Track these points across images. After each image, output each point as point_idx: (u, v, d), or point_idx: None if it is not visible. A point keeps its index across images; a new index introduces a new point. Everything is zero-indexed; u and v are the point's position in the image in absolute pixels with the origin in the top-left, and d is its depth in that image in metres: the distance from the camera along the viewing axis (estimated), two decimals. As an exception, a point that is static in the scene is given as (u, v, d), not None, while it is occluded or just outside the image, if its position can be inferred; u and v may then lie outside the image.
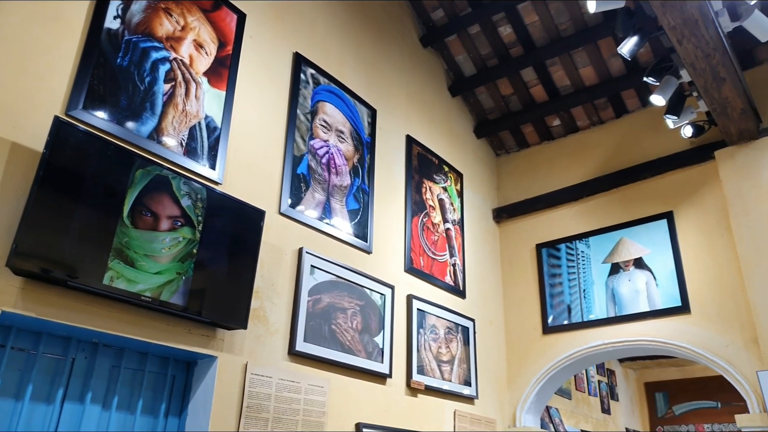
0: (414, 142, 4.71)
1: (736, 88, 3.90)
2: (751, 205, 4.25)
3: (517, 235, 5.50)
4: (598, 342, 4.71)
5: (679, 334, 4.38)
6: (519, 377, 5.00)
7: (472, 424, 4.44)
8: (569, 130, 5.52)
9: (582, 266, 5.03)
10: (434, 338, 4.33)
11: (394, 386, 3.87)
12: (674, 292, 4.50)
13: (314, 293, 3.43)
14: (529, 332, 5.10)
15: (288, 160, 3.49)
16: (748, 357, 4.06)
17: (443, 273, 4.66)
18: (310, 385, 3.26)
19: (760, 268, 4.08)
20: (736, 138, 4.38)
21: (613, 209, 5.02)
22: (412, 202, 4.52)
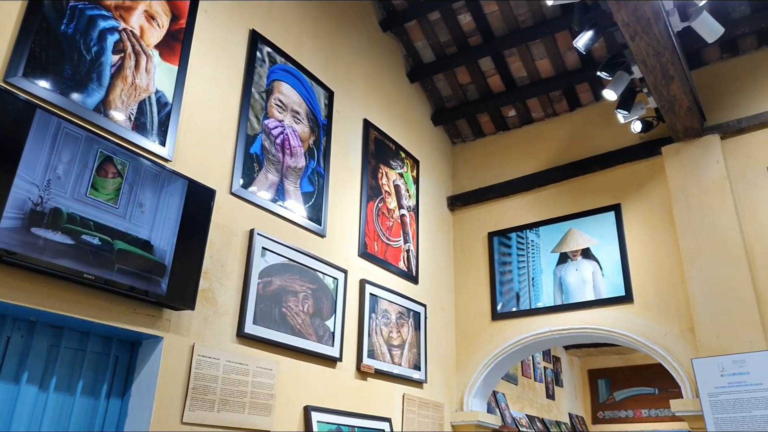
0: (371, 126, 4.70)
1: (683, 87, 4.02)
2: (693, 200, 4.42)
3: (471, 223, 5.57)
4: (544, 329, 4.83)
5: (621, 323, 4.53)
6: (467, 362, 5.08)
7: (420, 408, 4.49)
8: (524, 121, 5.61)
9: (531, 255, 5.13)
10: (386, 323, 4.35)
11: (344, 370, 3.87)
12: (619, 282, 4.64)
13: (265, 276, 3.39)
14: (478, 318, 5.19)
15: (241, 140, 3.43)
16: (684, 346, 4.23)
17: (397, 258, 4.68)
18: (258, 368, 3.24)
19: (699, 262, 4.25)
20: (681, 135, 4.53)
21: (564, 200, 5.13)
22: (368, 187, 4.51)
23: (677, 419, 5.06)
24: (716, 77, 4.73)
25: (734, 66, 4.70)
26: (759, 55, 4.63)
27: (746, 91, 4.56)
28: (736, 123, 4.47)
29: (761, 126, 4.40)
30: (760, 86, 4.52)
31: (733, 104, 4.57)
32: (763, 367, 3.83)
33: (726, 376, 3.94)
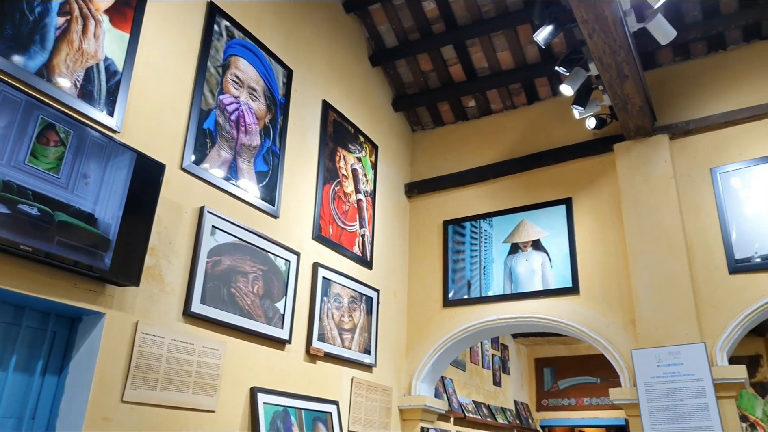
0: (330, 108, 4.65)
1: (636, 86, 4.13)
2: (641, 197, 4.55)
3: (427, 211, 5.60)
4: (493, 317, 4.91)
5: (567, 313, 4.65)
6: (417, 348, 5.14)
7: (368, 392, 4.52)
8: (483, 112, 5.65)
9: (484, 244, 5.20)
10: (338, 307, 4.35)
11: (293, 352, 3.86)
12: (566, 274, 4.76)
13: (214, 255, 3.33)
14: (430, 305, 5.24)
15: (194, 114, 3.34)
16: (625, 337, 4.38)
17: (352, 243, 4.67)
18: (204, 348, 3.19)
19: (643, 257, 4.40)
20: (633, 133, 4.65)
21: (518, 192, 5.22)
22: (325, 170, 4.48)
23: (616, 407, 5.24)
24: (668, 79, 4.87)
25: (685, 69, 4.85)
26: (708, 60, 4.78)
27: (695, 94, 4.71)
28: (684, 124, 4.62)
29: (707, 129, 4.56)
30: (707, 90, 4.68)
31: (682, 106, 4.71)
32: (695, 359, 4.01)
33: (662, 367, 4.10)
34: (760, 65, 4.56)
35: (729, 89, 4.61)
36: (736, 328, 4.05)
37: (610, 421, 8.07)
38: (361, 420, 4.37)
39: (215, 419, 3.20)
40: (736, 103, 4.52)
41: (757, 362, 7.36)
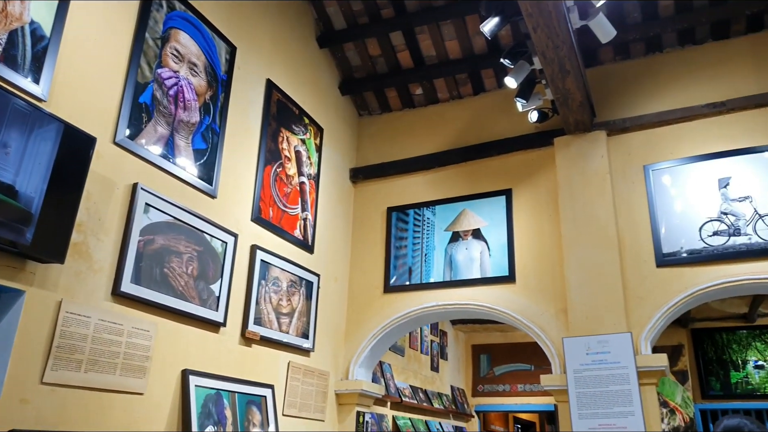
0: (275, 87, 4.57)
1: (577, 82, 4.23)
2: (577, 191, 4.69)
3: (371, 197, 5.60)
4: (432, 303, 4.97)
5: (503, 301, 4.75)
6: (356, 333, 5.15)
7: (305, 376, 4.51)
8: (430, 101, 5.68)
9: (426, 232, 5.25)
10: (276, 290, 4.30)
11: (227, 335, 3.80)
12: (504, 263, 4.86)
13: (147, 233, 3.23)
14: (371, 291, 5.26)
15: (129, 87, 3.21)
16: (557, 325, 4.52)
17: (293, 226, 4.62)
18: (134, 328, 3.10)
19: (576, 249, 4.54)
20: (573, 128, 4.78)
21: (461, 181, 5.28)
22: (267, 150, 4.40)
23: (548, 394, 5.41)
24: (608, 77, 5.01)
25: (624, 68, 5.01)
26: (646, 61, 4.95)
27: (632, 93, 4.87)
28: (621, 122, 4.77)
29: (642, 127, 4.73)
30: (644, 90, 4.84)
31: (620, 104, 4.87)
32: (622, 347, 4.18)
33: (590, 355, 4.26)
34: (693, 69, 4.75)
35: (663, 90, 4.79)
36: (660, 319, 4.24)
37: (542, 407, 8.35)
38: (296, 404, 4.35)
39: (143, 402, 3.12)
40: (669, 103, 4.71)
41: (679, 352, 7.75)
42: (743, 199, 4.31)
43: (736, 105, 4.49)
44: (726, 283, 4.16)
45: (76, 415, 2.76)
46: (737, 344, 7.66)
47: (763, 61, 4.56)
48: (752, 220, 4.22)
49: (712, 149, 4.49)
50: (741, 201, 4.31)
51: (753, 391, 7.41)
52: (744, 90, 4.52)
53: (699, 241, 4.31)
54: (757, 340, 7.59)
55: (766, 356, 7.50)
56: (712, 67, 4.71)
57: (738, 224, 4.26)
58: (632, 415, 4.03)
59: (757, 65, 4.57)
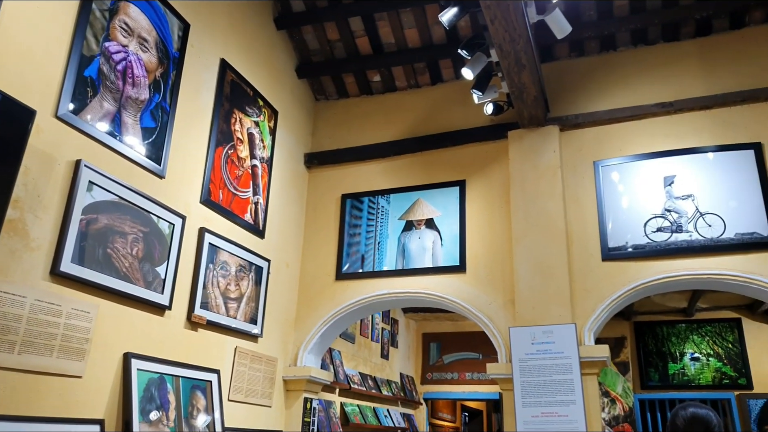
0: (229, 67, 4.46)
1: (532, 76, 4.28)
2: (529, 184, 4.76)
3: (325, 183, 5.56)
4: (384, 291, 4.98)
5: (453, 291, 4.80)
6: (307, 319, 5.13)
7: (252, 361, 4.46)
8: (388, 89, 5.66)
9: (380, 220, 5.25)
10: (224, 275, 4.23)
11: (173, 318, 3.72)
12: (455, 253, 4.91)
13: (90, 212, 3.12)
14: (322, 278, 5.23)
15: (74, 59, 3.08)
16: (504, 315, 4.60)
17: (243, 210, 4.55)
18: (73, 310, 3.00)
19: (526, 241, 4.62)
20: (527, 122, 4.84)
21: (416, 171, 5.29)
22: (218, 131, 4.30)
23: (494, 382, 5.52)
24: (563, 73, 5.10)
25: (578, 65, 5.10)
26: (600, 58, 5.06)
27: (586, 89, 4.97)
28: (574, 118, 4.87)
29: (594, 123, 4.83)
30: (597, 87, 4.95)
31: (573, 100, 4.96)
32: (566, 338, 4.28)
33: (536, 344, 4.35)
34: (644, 69, 4.88)
35: (615, 88, 4.90)
36: (604, 311, 4.36)
37: (489, 395, 8.51)
38: (242, 389, 4.31)
39: (82, 385, 3.03)
40: (620, 101, 4.82)
41: (622, 343, 8.03)
42: (686, 198, 4.46)
43: (684, 106, 4.64)
44: (667, 278, 4.31)
45: (9, 397, 2.65)
46: (676, 337, 7.98)
47: (710, 65, 4.71)
48: (693, 218, 4.38)
49: (659, 148, 4.62)
50: (684, 199, 4.47)
51: (688, 382, 7.75)
52: (691, 91, 4.67)
53: (643, 236, 4.45)
54: (695, 333, 7.93)
55: (702, 349, 7.84)
56: (662, 67, 4.85)
57: (680, 221, 4.41)
58: (574, 403, 4.14)
59: (704, 68, 4.73)
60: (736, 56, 4.67)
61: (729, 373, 7.62)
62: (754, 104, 4.49)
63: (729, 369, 7.65)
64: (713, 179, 4.43)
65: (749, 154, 4.41)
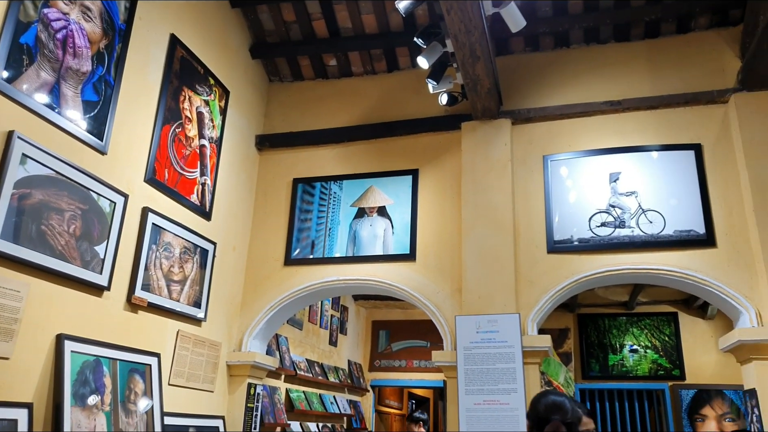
0: (179, 43, 4.32)
1: (487, 68, 4.31)
2: (479, 176, 4.81)
3: (277, 166, 5.48)
4: (333, 278, 4.96)
5: (402, 279, 4.82)
6: (253, 304, 5.06)
7: (195, 345, 4.38)
8: (344, 73, 5.61)
9: (332, 206, 5.22)
10: (168, 256, 4.12)
11: (111, 299, 3.60)
12: (405, 241, 4.92)
13: (23, 186, 2.97)
14: (271, 262, 5.16)
15: (9, 25, 2.91)
16: (451, 304, 4.65)
17: (190, 191, 4.43)
18: (2, 288, 2.86)
19: (474, 231, 4.67)
20: (480, 114, 4.88)
21: (370, 158, 5.27)
22: (166, 109, 4.17)
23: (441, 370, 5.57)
24: (517, 67, 5.15)
25: (533, 60, 5.16)
26: (554, 54, 5.13)
27: (538, 84, 5.04)
28: (526, 112, 4.93)
29: (545, 118, 4.91)
30: (549, 83, 5.02)
31: (526, 94, 5.03)
32: (510, 327, 4.36)
33: (480, 333, 4.42)
34: (595, 66, 4.98)
35: (567, 84, 4.98)
36: (548, 302, 4.46)
37: (435, 383, 8.62)
38: (184, 374, 4.22)
39: (9, 366, 2.90)
40: (571, 97, 4.91)
41: (566, 335, 8.24)
42: (630, 194, 4.59)
43: (631, 105, 4.76)
44: (609, 272, 4.43)
45: (-73, 379, 2.52)
46: (617, 329, 8.24)
47: (657, 66, 4.85)
48: (636, 214, 4.52)
49: (607, 145, 4.74)
50: (628, 195, 4.60)
51: (627, 373, 8.02)
52: (639, 91, 4.80)
53: (588, 230, 4.56)
54: (635, 326, 8.20)
55: (641, 341, 8.13)
56: (612, 66, 4.95)
57: (624, 217, 4.54)
58: (515, 392, 4.23)
59: (651, 69, 4.86)
60: (681, 59, 4.82)
61: (664, 365, 7.93)
62: (696, 106, 4.65)
63: (664, 361, 7.95)
64: (656, 177, 4.57)
65: (690, 155, 4.57)
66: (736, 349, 4.16)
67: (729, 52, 4.73)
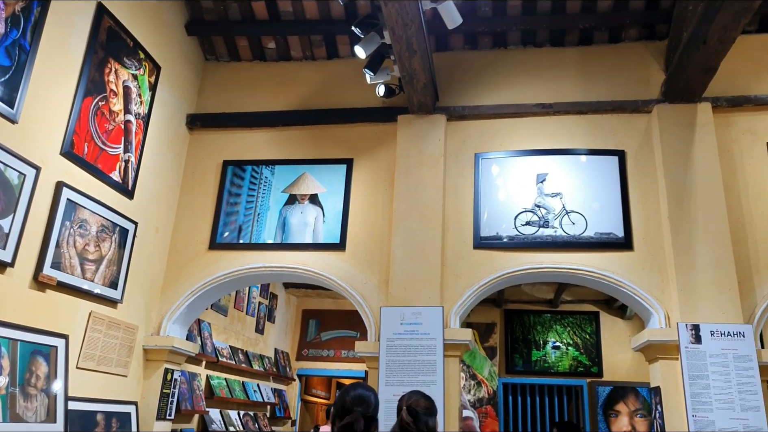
0: (107, 13, 4.12)
1: (423, 63, 4.32)
2: (413, 169, 4.83)
3: (208, 147, 5.33)
4: (260, 264, 4.87)
5: (331, 268, 4.79)
6: (175, 288, 4.91)
7: (109, 328, 4.21)
8: (282, 57, 5.51)
9: (263, 191, 5.12)
10: (83, 234, 3.94)
11: (15, 277, 3.41)
12: (336, 231, 4.89)
13: None
14: (195, 245, 5.03)
15: None
16: (378, 295, 4.66)
17: (111, 167, 4.25)
18: None
19: (405, 224, 4.69)
20: (416, 108, 4.89)
21: (304, 144, 5.20)
22: (89, 80, 3.98)
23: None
24: (455, 64, 5.19)
25: (471, 58, 5.22)
26: (491, 54, 5.21)
27: (475, 83, 5.10)
28: (461, 109, 4.98)
29: (479, 117, 4.98)
30: (486, 82, 5.09)
31: (462, 92, 5.08)
32: (433, 320, 4.40)
33: (404, 325, 4.44)
34: (530, 69, 5.08)
35: (502, 84, 5.07)
36: (471, 296, 4.54)
37: (363, 373, 8.64)
38: (95, 357, 4.06)
39: None
40: (505, 98, 4.99)
41: (492, 329, 8.44)
42: (555, 195, 4.72)
43: (561, 108, 4.89)
44: (531, 269, 4.55)
45: None
46: (541, 326, 8.51)
47: (589, 73, 5.00)
48: (560, 215, 4.65)
49: (536, 146, 4.85)
50: (553, 197, 4.73)
51: (548, 369, 8.29)
52: (570, 96, 4.94)
53: (513, 228, 4.67)
54: (558, 323, 8.49)
55: (563, 338, 8.42)
56: (546, 70, 5.07)
57: (548, 217, 4.67)
58: (434, 383, 4.27)
59: (583, 75, 5.00)
60: (611, 68, 4.99)
61: (584, 362, 8.25)
62: (621, 114, 4.83)
63: (584, 358, 8.28)
64: (581, 180, 4.72)
65: (614, 161, 4.74)
66: (646, 349, 4.36)
67: (655, 64, 4.93)
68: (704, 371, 4.06)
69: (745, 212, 4.50)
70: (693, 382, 4.04)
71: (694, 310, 4.17)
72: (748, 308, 4.25)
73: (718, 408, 3.98)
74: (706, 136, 4.58)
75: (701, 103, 4.65)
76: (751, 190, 4.54)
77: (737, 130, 4.71)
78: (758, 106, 4.70)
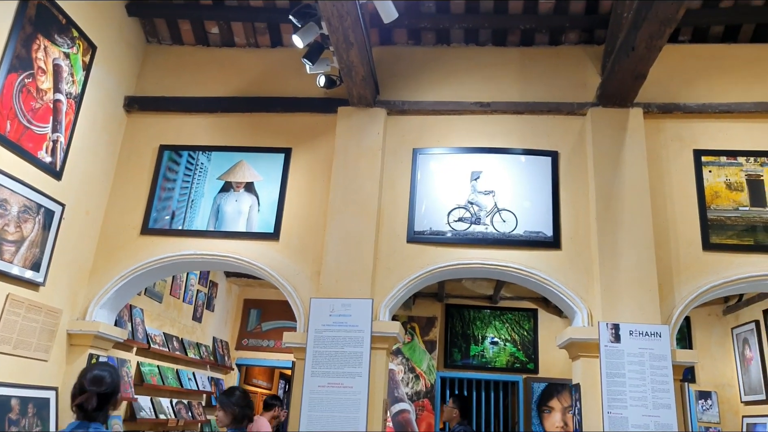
0: (34, -13, 4.01)
1: (362, 56, 4.34)
2: (350, 162, 4.85)
3: (145, 131, 5.23)
4: (191, 251, 4.82)
5: (263, 258, 4.77)
6: (103, 272, 4.82)
7: (28, 311, 4.11)
8: (225, 43, 5.44)
9: (198, 177, 5.06)
10: (2, 214, 3.83)
11: (-77, 255, 3.29)
12: (271, 220, 4.88)
13: None
14: (127, 230, 4.94)
15: None
16: (309, 286, 4.67)
17: (38, 147, 4.14)
18: None
19: (339, 216, 4.71)
20: (356, 101, 4.91)
21: (243, 131, 5.16)
22: (14, 56, 3.85)
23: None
24: (398, 58, 5.23)
25: (414, 54, 5.26)
26: (434, 50, 5.26)
27: (417, 78, 5.15)
28: (401, 104, 5.03)
29: (418, 112, 5.03)
30: (427, 78, 5.14)
31: (404, 86, 5.12)
32: (362, 312, 4.44)
33: (333, 316, 4.47)
34: (471, 67, 5.16)
35: (443, 82, 5.13)
36: (401, 290, 4.59)
37: (304, 364, 8.64)
38: (11, 341, 3.95)
39: None
40: (445, 95, 5.06)
41: (432, 323, 8.55)
42: (488, 193, 4.82)
43: (499, 108, 4.98)
44: (461, 265, 4.63)
45: None
46: (480, 321, 8.66)
47: (528, 73, 5.10)
48: (492, 213, 4.75)
49: (473, 144, 4.93)
50: (486, 194, 4.82)
51: (486, 364, 8.46)
52: (508, 95, 5.03)
53: (446, 224, 4.74)
54: (497, 319, 8.66)
55: (502, 334, 8.60)
56: (487, 68, 5.15)
57: (480, 214, 4.76)
58: (360, 375, 4.31)
59: (522, 75, 5.10)
60: (550, 70, 5.10)
61: (521, 358, 8.44)
62: (557, 116, 4.95)
63: (521, 354, 8.47)
64: (514, 179, 4.82)
65: (547, 161, 4.86)
66: (569, 347, 4.50)
67: (591, 68, 5.08)
68: (621, 369, 4.20)
69: (669, 216, 4.67)
70: (610, 380, 4.17)
71: (615, 309, 4.31)
72: (667, 309, 4.41)
73: (632, 405, 4.12)
74: (636, 141, 4.73)
75: (633, 108, 4.80)
76: (676, 195, 4.72)
77: (666, 136, 4.88)
78: (687, 113, 4.88)
